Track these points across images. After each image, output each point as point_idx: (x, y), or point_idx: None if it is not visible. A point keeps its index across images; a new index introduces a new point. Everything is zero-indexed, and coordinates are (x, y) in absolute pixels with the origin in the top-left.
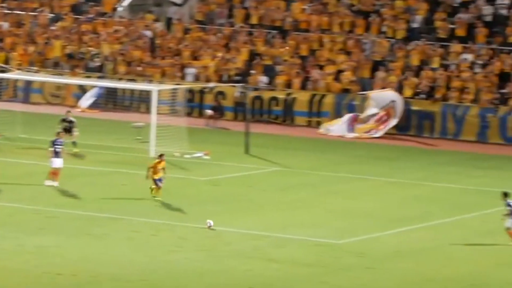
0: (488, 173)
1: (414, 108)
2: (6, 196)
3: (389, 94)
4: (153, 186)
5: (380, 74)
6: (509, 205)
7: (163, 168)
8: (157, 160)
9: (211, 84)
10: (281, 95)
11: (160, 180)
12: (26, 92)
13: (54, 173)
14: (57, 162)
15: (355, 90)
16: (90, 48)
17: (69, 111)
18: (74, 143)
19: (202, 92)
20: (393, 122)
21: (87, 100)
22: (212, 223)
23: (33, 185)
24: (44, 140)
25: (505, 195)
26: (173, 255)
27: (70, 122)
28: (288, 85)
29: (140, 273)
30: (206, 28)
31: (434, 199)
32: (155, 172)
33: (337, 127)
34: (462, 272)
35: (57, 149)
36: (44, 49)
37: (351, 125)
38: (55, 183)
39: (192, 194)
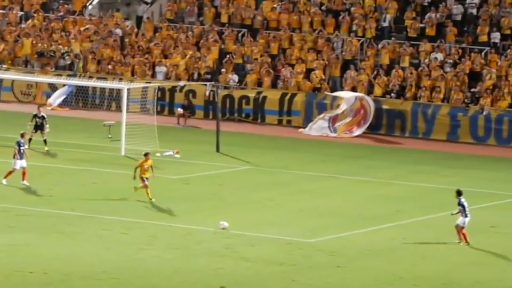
0: (459, 172)
1: (384, 107)
2: None
3: (353, 93)
4: (140, 185)
5: (351, 73)
6: (460, 203)
7: (151, 167)
8: (143, 159)
9: (181, 83)
10: (251, 94)
11: (146, 179)
12: None
13: (23, 173)
14: (22, 163)
15: (326, 89)
16: (60, 46)
17: (40, 106)
18: (45, 141)
19: (172, 90)
20: (371, 116)
21: (57, 98)
22: (225, 224)
23: (1, 182)
24: (14, 138)
25: (459, 193)
26: (144, 253)
27: (42, 118)
28: (259, 83)
29: (111, 271)
30: (176, 26)
31: (405, 198)
32: (142, 172)
33: (319, 126)
34: (433, 270)
35: (21, 150)
36: (14, 47)
37: (333, 125)
38: (26, 183)
39: (163, 193)
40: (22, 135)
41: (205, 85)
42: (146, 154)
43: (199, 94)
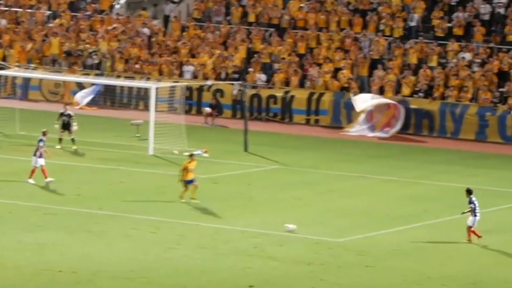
0: (487, 172)
1: (412, 106)
2: (4, 193)
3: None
4: (182, 189)
5: (378, 72)
6: (471, 202)
7: (195, 168)
8: (187, 160)
9: (209, 82)
10: (279, 93)
11: (192, 181)
12: (24, 89)
13: (43, 171)
14: (40, 161)
15: (353, 88)
16: (87, 46)
17: (67, 105)
18: (73, 140)
19: (200, 89)
20: (402, 113)
21: (84, 97)
22: (292, 227)
23: (29, 182)
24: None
25: (469, 192)
26: (172, 252)
27: (69, 116)
28: (286, 83)
29: (139, 270)
30: (203, 26)
31: (432, 198)
32: (186, 173)
33: (357, 128)
34: (461, 270)
35: (40, 148)
36: (42, 46)
37: (371, 125)
38: (49, 180)
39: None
40: (44, 133)
41: (233, 84)
42: (191, 155)
43: (226, 94)
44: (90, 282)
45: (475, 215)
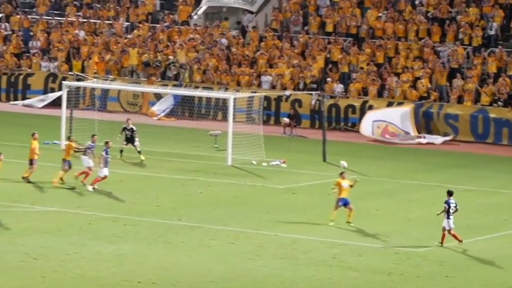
0: None
1: (492, 115)
2: (84, 204)
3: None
4: (333, 212)
5: (457, 81)
6: (447, 203)
7: (349, 186)
8: (339, 179)
9: (287, 92)
10: (357, 103)
11: (346, 202)
12: (103, 100)
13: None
14: (105, 171)
15: (432, 98)
16: (166, 56)
17: (129, 119)
18: (139, 152)
19: (278, 100)
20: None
21: (162, 108)
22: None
23: (110, 192)
24: (119, 147)
25: (449, 193)
26: (251, 263)
27: (131, 130)
28: (364, 92)
29: (218, 281)
30: (281, 36)
31: None
32: (340, 191)
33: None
34: None
35: (106, 157)
36: (120, 58)
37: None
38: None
39: (270, 202)
40: (107, 143)
41: (311, 94)
42: (341, 173)
43: (305, 104)
44: None
45: (449, 218)
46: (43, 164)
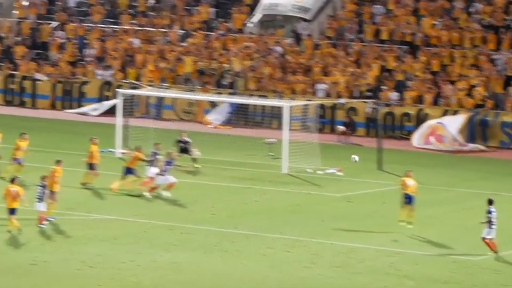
0: None
1: None
2: (140, 213)
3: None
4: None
5: None
6: (489, 212)
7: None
8: (404, 177)
9: (342, 100)
10: (412, 111)
11: (409, 197)
12: (158, 108)
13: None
14: (168, 178)
15: (488, 106)
16: (221, 65)
17: (184, 132)
18: (194, 160)
19: (333, 108)
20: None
21: (218, 116)
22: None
23: (166, 201)
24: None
25: (490, 202)
26: (307, 271)
27: (186, 142)
28: (420, 100)
29: None
30: (336, 43)
31: None
32: (405, 188)
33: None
34: None
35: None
36: (175, 66)
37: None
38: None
39: (325, 210)
40: (169, 154)
41: (366, 102)
42: (407, 172)
43: (360, 112)
44: None
45: (491, 227)
46: (99, 172)
